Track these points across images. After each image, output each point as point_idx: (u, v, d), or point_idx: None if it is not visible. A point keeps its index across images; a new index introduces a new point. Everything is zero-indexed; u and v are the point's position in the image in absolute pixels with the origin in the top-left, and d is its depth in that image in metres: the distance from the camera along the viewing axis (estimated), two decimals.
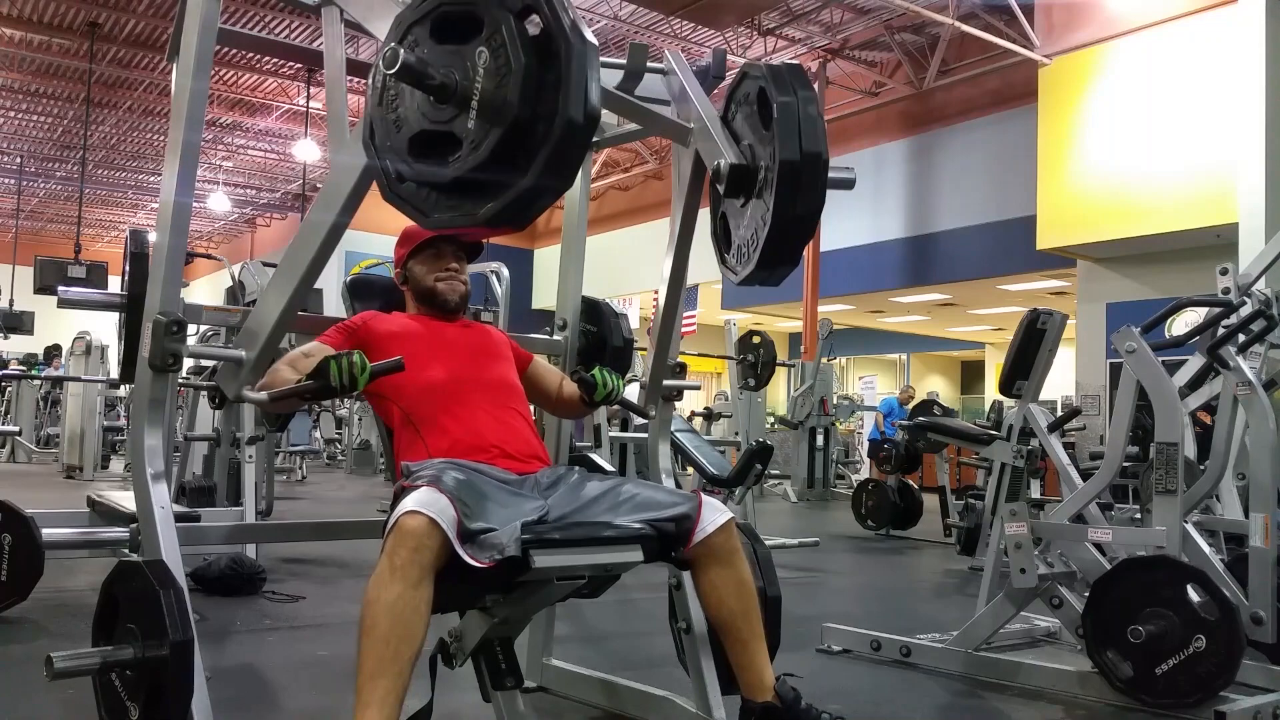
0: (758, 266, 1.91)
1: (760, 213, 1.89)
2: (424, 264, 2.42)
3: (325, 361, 1.87)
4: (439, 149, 1.41)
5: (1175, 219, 9.51)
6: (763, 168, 1.90)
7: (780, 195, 1.82)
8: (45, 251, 16.39)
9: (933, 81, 12.77)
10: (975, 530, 5.61)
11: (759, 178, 1.91)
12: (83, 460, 10.33)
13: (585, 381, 2.34)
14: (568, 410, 2.57)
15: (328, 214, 1.86)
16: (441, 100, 1.39)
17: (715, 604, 2.04)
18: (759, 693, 2.03)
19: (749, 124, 1.98)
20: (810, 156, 1.81)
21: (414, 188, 1.45)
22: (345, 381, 1.85)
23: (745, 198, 1.95)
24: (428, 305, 2.41)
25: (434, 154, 1.42)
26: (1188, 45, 9.57)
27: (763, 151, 1.90)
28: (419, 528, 1.72)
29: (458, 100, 1.37)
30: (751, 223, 1.93)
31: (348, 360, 1.86)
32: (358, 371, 1.86)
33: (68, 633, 3.34)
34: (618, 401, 2.39)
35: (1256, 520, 3.09)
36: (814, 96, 1.87)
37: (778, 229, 1.84)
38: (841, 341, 14.28)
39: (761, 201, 1.89)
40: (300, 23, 12.12)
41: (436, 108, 1.41)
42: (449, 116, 1.40)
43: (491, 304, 6.54)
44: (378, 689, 1.70)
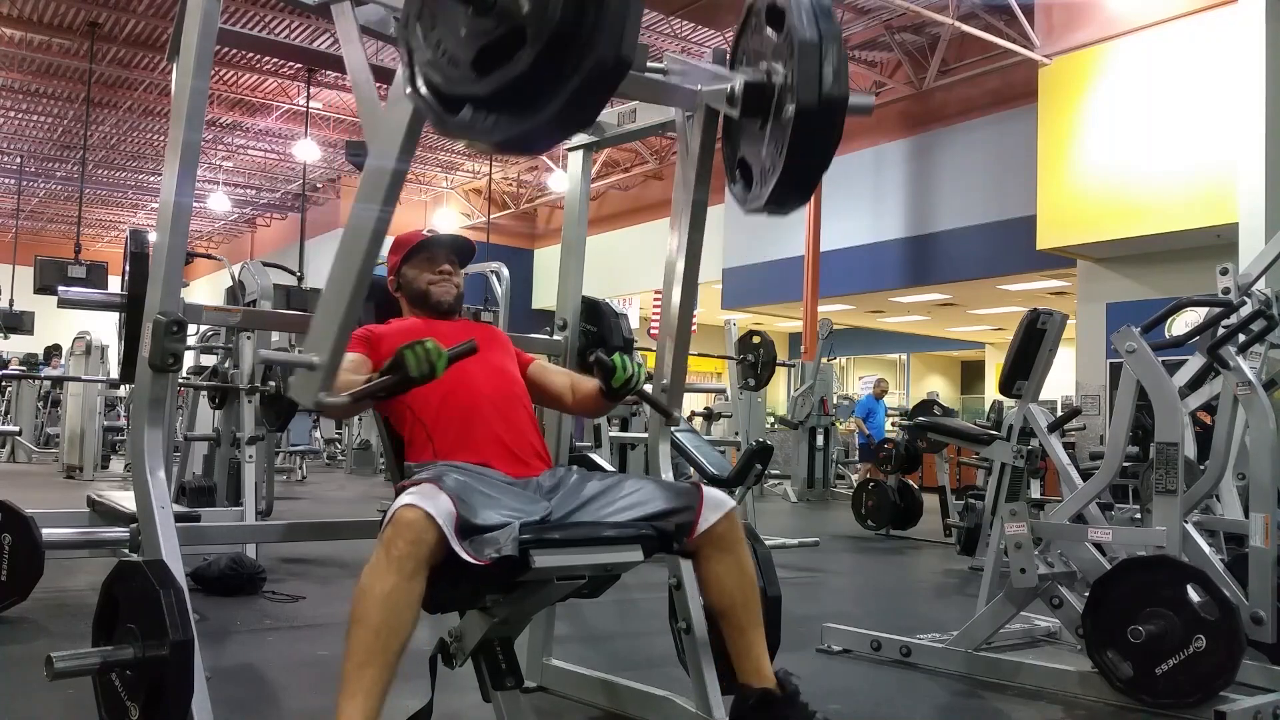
0: (770, 200, 1.84)
1: (776, 142, 1.82)
2: (417, 268, 2.42)
3: (401, 352, 1.81)
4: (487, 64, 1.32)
5: (1175, 219, 9.51)
6: (777, 87, 1.83)
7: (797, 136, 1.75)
8: (45, 251, 16.36)
9: (933, 81, 12.77)
10: (975, 530, 5.61)
11: (775, 97, 1.84)
12: (83, 460, 10.33)
13: (604, 364, 2.23)
14: (586, 408, 2.46)
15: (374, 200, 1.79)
16: (480, 11, 1.30)
17: (717, 591, 2.04)
18: (756, 679, 2.03)
19: (766, 45, 1.90)
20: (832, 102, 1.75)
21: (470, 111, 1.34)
22: (424, 370, 1.80)
23: (761, 119, 1.88)
24: (422, 308, 2.42)
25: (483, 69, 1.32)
26: (1188, 45, 9.57)
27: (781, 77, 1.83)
28: (417, 520, 1.73)
29: (497, 12, 1.28)
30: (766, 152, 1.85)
31: (423, 347, 1.80)
32: (434, 358, 1.81)
33: (68, 633, 3.34)
34: (638, 393, 2.27)
35: (1256, 520, 3.09)
36: (839, 32, 1.79)
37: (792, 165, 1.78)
38: (841, 341, 14.28)
39: (778, 128, 1.82)
40: (300, 23, 12.12)
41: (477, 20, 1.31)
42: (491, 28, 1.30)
43: (491, 304, 6.55)
44: (365, 678, 1.70)
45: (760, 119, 1.88)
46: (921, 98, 13.13)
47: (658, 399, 2.39)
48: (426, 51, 1.39)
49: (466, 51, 1.32)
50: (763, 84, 1.86)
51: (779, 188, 1.81)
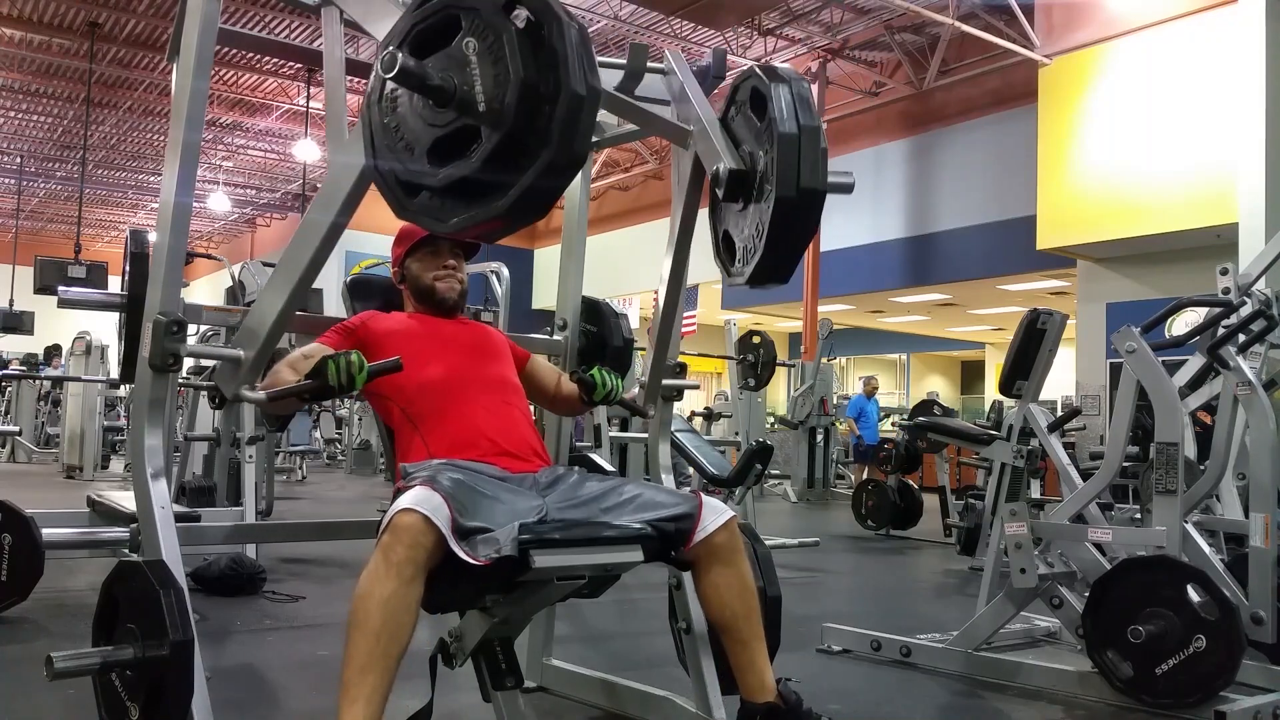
0: (751, 279, 1.93)
1: (756, 223, 1.90)
2: (421, 262, 2.42)
3: (323, 362, 1.88)
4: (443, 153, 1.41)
5: (1175, 219, 9.51)
6: (759, 174, 1.90)
7: (774, 224, 1.84)
8: (45, 251, 16.39)
9: (933, 81, 12.77)
10: (975, 530, 5.61)
11: (757, 184, 1.91)
12: (83, 460, 10.33)
13: (585, 382, 2.36)
14: (565, 407, 2.59)
15: (326, 214, 1.85)
16: (441, 103, 1.39)
17: (716, 604, 2.03)
18: (761, 694, 2.02)
19: (749, 129, 1.97)
20: (808, 194, 1.83)
21: (426, 196, 1.44)
22: (343, 381, 1.86)
23: (744, 202, 1.95)
24: (426, 303, 2.42)
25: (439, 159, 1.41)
26: (1188, 45, 9.57)
27: (762, 162, 1.90)
28: (414, 525, 1.73)
29: (458, 103, 1.37)
30: (748, 232, 1.94)
31: (345, 360, 1.87)
32: (355, 371, 1.87)
33: (68, 633, 3.34)
34: (617, 401, 2.41)
35: (1256, 520, 3.09)
36: (818, 128, 1.85)
37: (771, 250, 1.87)
38: (841, 341, 14.28)
39: (759, 208, 1.89)
40: (300, 23, 12.12)
41: (436, 112, 1.40)
42: (449, 120, 1.39)
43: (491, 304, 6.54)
44: (366, 683, 1.70)
45: (743, 202, 1.95)
46: (921, 98, 13.13)
47: (632, 402, 2.53)
48: (385, 136, 1.45)
49: (423, 141, 1.40)
50: (745, 173, 1.93)
51: (759, 269, 1.90)
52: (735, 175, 1.93)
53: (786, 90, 1.87)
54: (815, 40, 12.86)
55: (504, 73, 1.34)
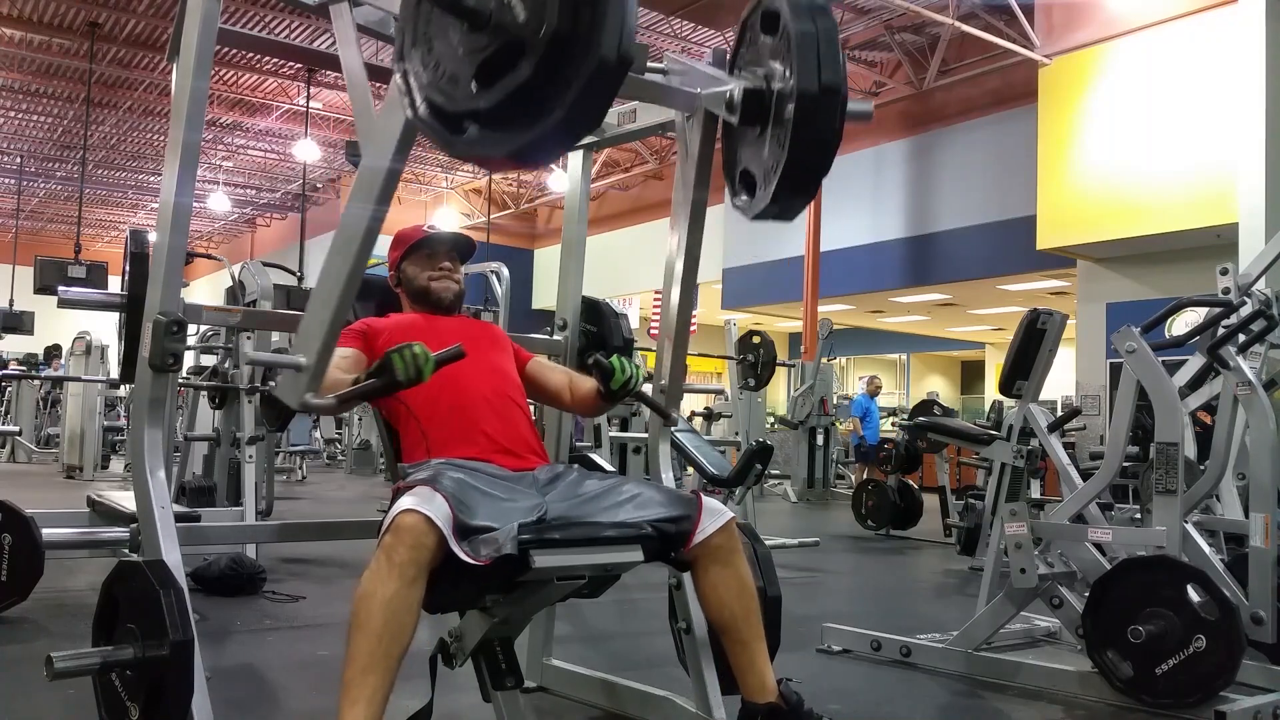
0: (774, 200, 1.83)
1: (777, 141, 1.82)
2: (417, 264, 2.43)
3: (388, 356, 1.82)
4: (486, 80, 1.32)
5: (1175, 219, 9.51)
6: (776, 92, 1.84)
7: (797, 129, 1.76)
8: (45, 251, 16.38)
9: (933, 81, 12.77)
10: (975, 530, 5.61)
11: (773, 102, 1.84)
12: (83, 460, 10.33)
13: (602, 366, 2.24)
14: (584, 407, 2.46)
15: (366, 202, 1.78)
16: (476, 26, 1.30)
17: (716, 605, 2.03)
18: (761, 694, 2.02)
19: (763, 51, 1.90)
20: (828, 90, 1.75)
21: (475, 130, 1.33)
22: (412, 374, 1.81)
23: (760, 125, 1.88)
24: (422, 304, 2.42)
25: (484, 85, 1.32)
26: (1188, 45, 9.57)
27: (778, 77, 1.84)
28: (416, 525, 1.73)
29: (494, 26, 1.28)
30: (768, 152, 1.86)
31: (410, 352, 1.82)
32: (422, 362, 1.82)
33: (68, 633, 3.34)
34: (636, 394, 2.27)
35: (1256, 520, 3.09)
36: (834, 26, 1.80)
37: (794, 160, 1.78)
38: (841, 341, 14.28)
39: (778, 130, 1.82)
40: (300, 23, 12.12)
41: (473, 37, 1.32)
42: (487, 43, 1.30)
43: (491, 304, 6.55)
44: (367, 684, 1.70)
45: (759, 125, 1.89)
46: (921, 98, 13.13)
47: (655, 400, 2.39)
48: (425, 75, 1.39)
49: (466, 68, 1.33)
50: (760, 90, 1.87)
51: (780, 189, 1.81)
52: (750, 94, 1.86)
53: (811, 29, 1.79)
54: None
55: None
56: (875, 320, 18.13)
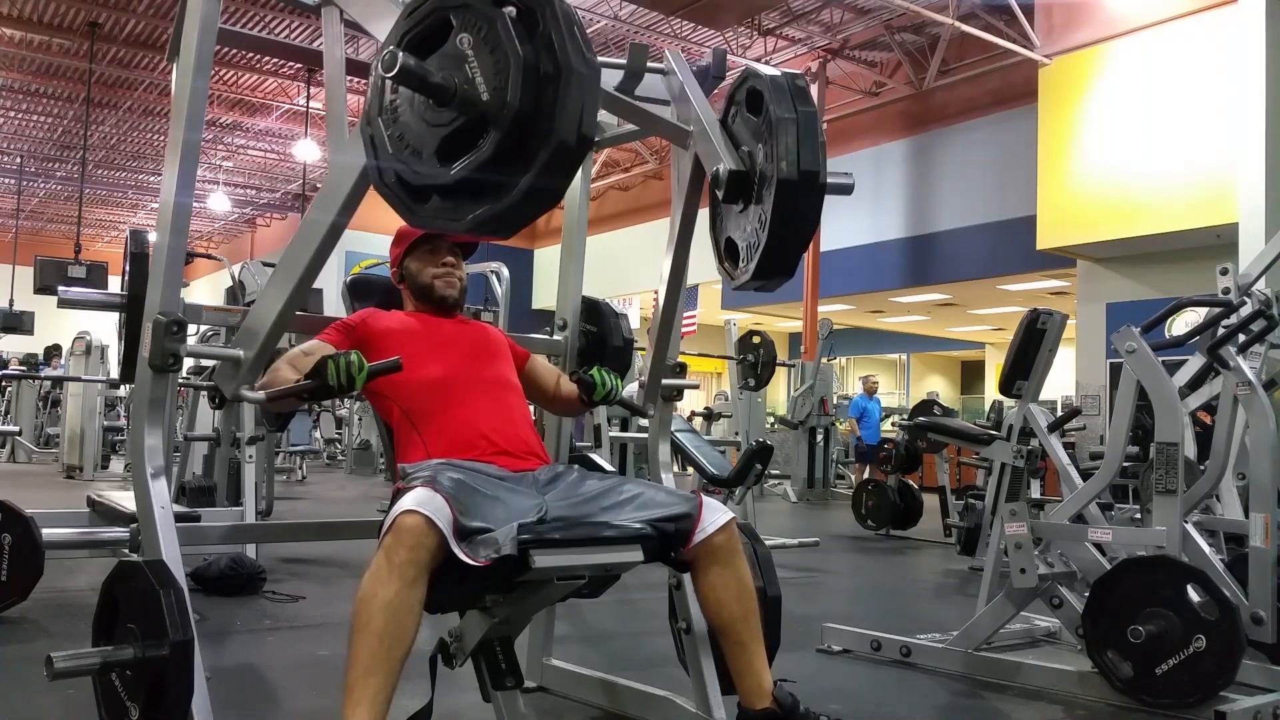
0: (754, 276, 1.93)
1: (758, 219, 1.90)
2: (420, 261, 2.43)
3: (323, 361, 1.87)
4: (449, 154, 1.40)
5: (1175, 219, 9.51)
6: (760, 174, 1.91)
7: (777, 211, 1.84)
8: (45, 251, 16.39)
9: (933, 81, 12.77)
10: (975, 530, 5.61)
11: (756, 184, 1.91)
12: (83, 460, 10.33)
13: (584, 382, 2.37)
14: (565, 408, 2.58)
15: (326, 214, 1.85)
16: (443, 101, 1.38)
17: (715, 606, 2.03)
18: (759, 699, 2.02)
19: (748, 128, 1.98)
20: (807, 175, 1.82)
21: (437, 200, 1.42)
22: (343, 381, 1.86)
23: (744, 203, 1.95)
24: (425, 302, 2.42)
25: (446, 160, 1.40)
26: (1188, 45, 9.57)
27: (761, 157, 1.90)
28: (416, 526, 1.73)
29: (460, 100, 1.37)
30: (750, 229, 1.94)
31: (345, 360, 1.87)
32: (355, 371, 1.86)
33: (68, 633, 3.34)
34: (617, 401, 2.42)
35: (1256, 520, 3.09)
36: (814, 112, 1.88)
37: (774, 242, 1.86)
38: (841, 341, 14.28)
39: (760, 207, 1.90)
40: (300, 23, 12.12)
41: (439, 112, 1.40)
42: (452, 118, 1.39)
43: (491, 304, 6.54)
44: (370, 686, 1.70)
45: (743, 202, 1.96)
46: (921, 98, 13.13)
47: (632, 402, 2.55)
48: (390, 145, 1.45)
49: (429, 143, 1.39)
50: (744, 174, 1.93)
51: (761, 266, 1.90)
52: (735, 176, 1.93)
53: (782, 81, 1.89)
54: (815, 40, 12.86)
55: (503, 58, 1.33)
56: (875, 320, 18.13)
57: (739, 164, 1.94)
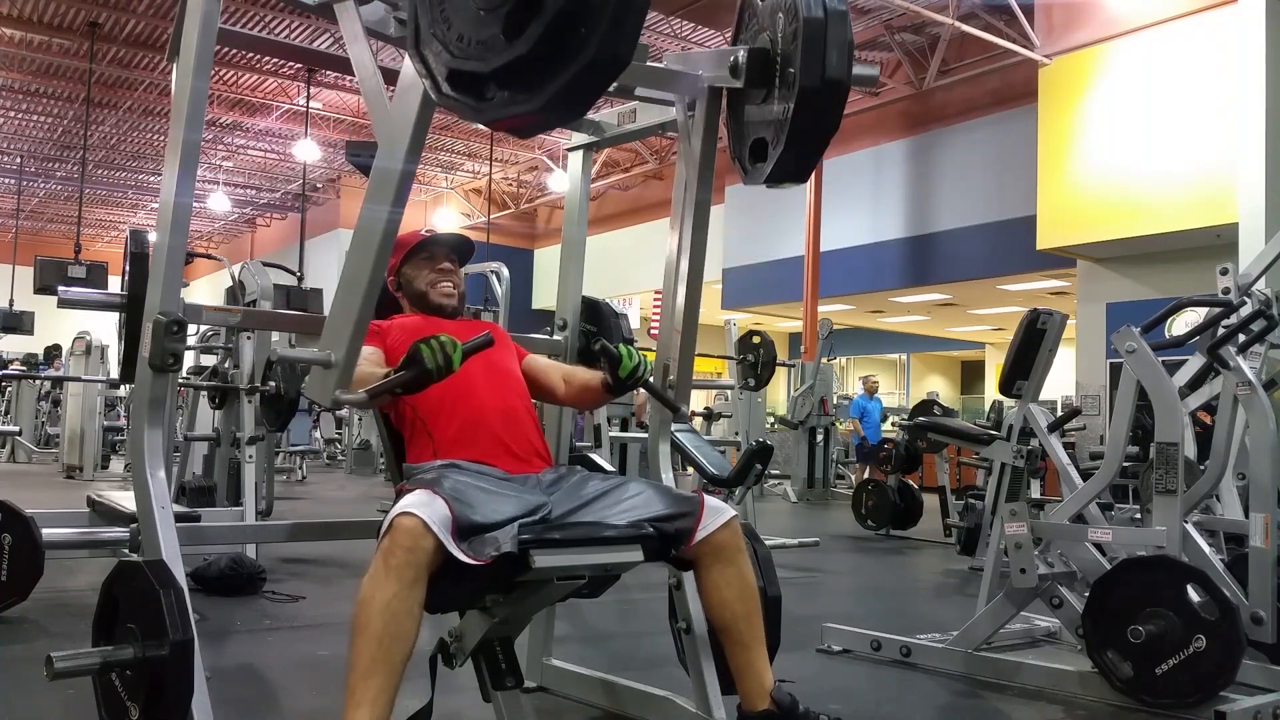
0: (771, 175, 1.84)
1: (786, 86, 1.82)
2: (417, 269, 2.42)
3: (416, 347, 1.81)
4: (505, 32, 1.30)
5: (1175, 219, 9.51)
6: (780, 47, 1.84)
7: (806, 57, 1.74)
8: (45, 251, 16.35)
9: (933, 81, 12.77)
10: (975, 530, 5.61)
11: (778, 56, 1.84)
12: (83, 460, 10.33)
13: (610, 353, 2.21)
14: (584, 398, 2.44)
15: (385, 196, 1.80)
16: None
17: (717, 604, 2.03)
18: (758, 700, 2.02)
19: (762, 15, 1.91)
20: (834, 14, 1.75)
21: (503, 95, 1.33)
22: (440, 363, 1.80)
23: (767, 85, 1.88)
24: (423, 309, 2.41)
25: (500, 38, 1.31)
26: (1188, 45, 9.57)
27: (780, 26, 1.84)
28: (414, 528, 1.73)
29: None
30: (777, 106, 1.85)
31: (438, 342, 1.81)
32: (450, 350, 1.81)
33: (68, 633, 3.34)
34: (644, 384, 2.27)
35: (1256, 520, 3.09)
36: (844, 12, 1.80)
37: (805, 96, 1.76)
38: (841, 341, 14.28)
39: (785, 82, 1.82)
40: (300, 23, 12.12)
41: None
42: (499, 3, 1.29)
43: (491, 304, 6.55)
44: (370, 688, 1.69)
45: (765, 86, 1.88)
46: (921, 98, 13.13)
47: (663, 392, 2.37)
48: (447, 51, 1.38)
49: (493, 26, 1.31)
50: (765, 49, 1.86)
51: (792, 137, 1.81)
52: (754, 54, 1.86)
53: None
54: None
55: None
56: (875, 320, 18.13)
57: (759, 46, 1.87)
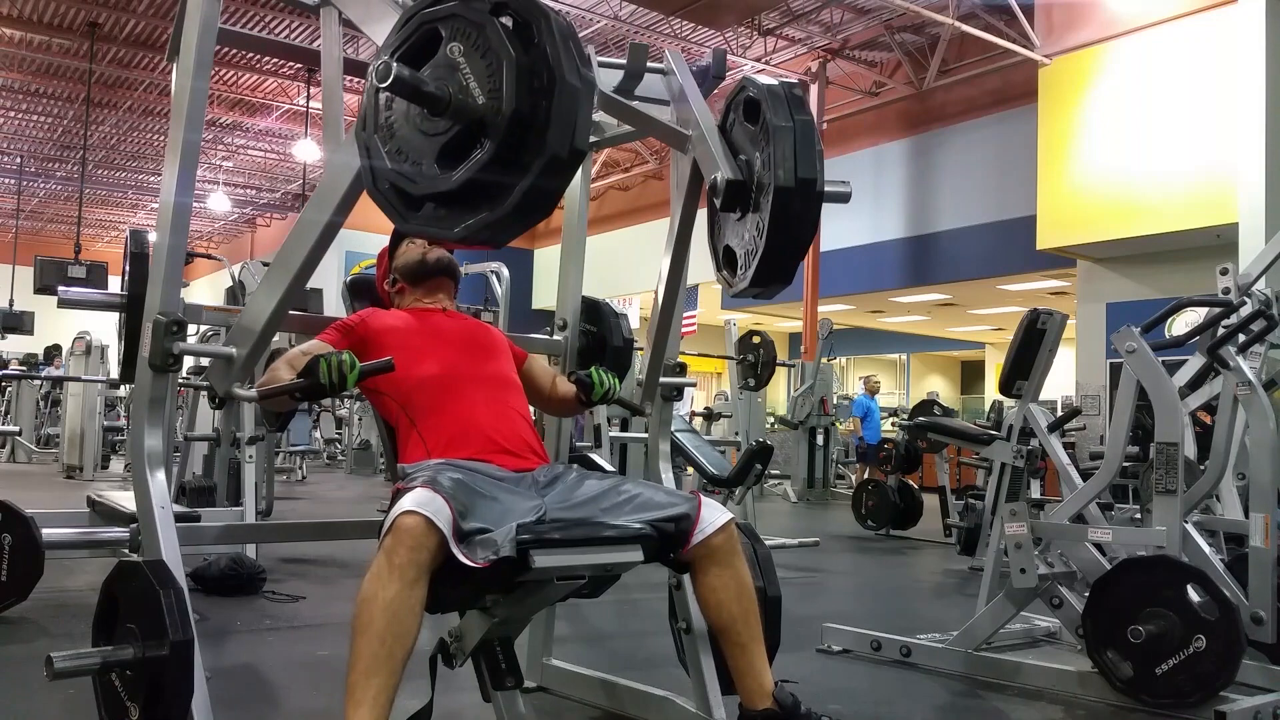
0: (752, 283, 1.93)
1: (755, 227, 1.90)
2: (405, 250, 2.48)
3: (314, 361, 1.88)
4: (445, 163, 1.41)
5: (1175, 219, 9.51)
6: (757, 183, 1.91)
7: (774, 219, 1.84)
8: (45, 251, 16.38)
9: (933, 81, 12.77)
10: (975, 530, 5.61)
11: (754, 193, 1.91)
12: (83, 460, 10.33)
13: (583, 383, 2.36)
14: (561, 408, 2.58)
15: (322, 213, 1.85)
16: (437, 111, 1.39)
17: (714, 606, 2.03)
18: (759, 699, 2.01)
19: (745, 135, 1.98)
20: (804, 183, 1.82)
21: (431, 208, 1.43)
22: (334, 380, 1.86)
23: (741, 211, 1.95)
24: (423, 277, 2.43)
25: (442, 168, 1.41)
26: (1188, 45, 9.57)
27: (759, 165, 1.90)
28: (416, 527, 1.72)
29: (454, 108, 1.37)
30: (748, 236, 1.93)
31: (337, 359, 1.87)
32: (346, 370, 1.87)
33: (68, 633, 3.34)
34: (615, 400, 2.41)
35: (1256, 520, 3.09)
36: (811, 121, 1.88)
37: (772, 249, 1.86)
38: (841, 341, 14.28)
39: (757, 215, 1.90)
40: (300, 23, 12.12)
41: (434, 121, 1.40)
42: (447, 127, 1.39)
43: (491, 304, 6.56)
44: (371, 687, 1.69)
45: (740, 212, 1.96)
46: (921, 98, 13.13)
47: (629, 400, 2.54)
48: (387, 158, 1.45)
49: (427, 153, 1.39)
50: (742, 183, 1.93)
51: (759, 274, 1.90)
52: (732, 185, 1.92)
53: (779, 89, 1.90)
54: (815, 40, 12.86)
55: (495, 61, 1.34)
56: (875, 320, 18.13)
57: (736, 173, 1.94)
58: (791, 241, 1.88)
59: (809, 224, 1.87)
